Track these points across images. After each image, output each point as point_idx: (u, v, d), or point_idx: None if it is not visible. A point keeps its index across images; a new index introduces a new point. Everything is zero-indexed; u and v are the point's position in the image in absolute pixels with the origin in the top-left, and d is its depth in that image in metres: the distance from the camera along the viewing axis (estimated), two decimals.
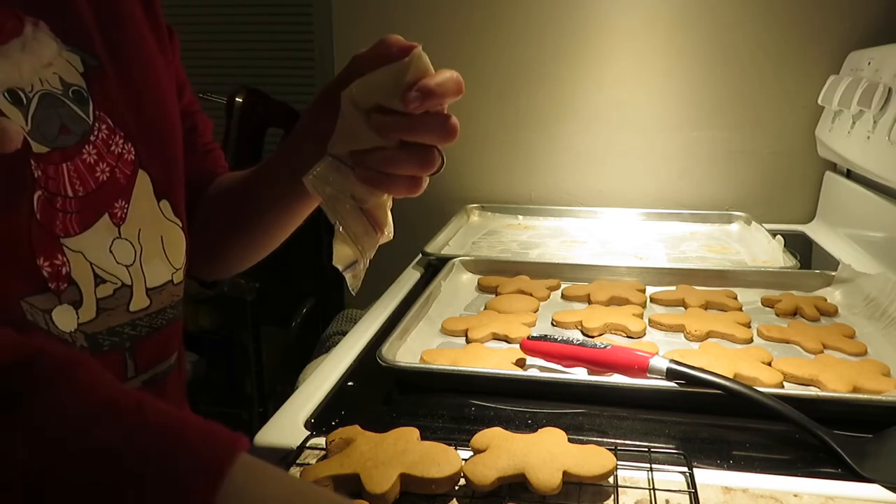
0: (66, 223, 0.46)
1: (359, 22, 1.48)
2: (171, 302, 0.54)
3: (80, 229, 0.46)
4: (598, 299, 0.89)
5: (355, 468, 0.50)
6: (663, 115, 1.40)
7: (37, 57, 0.45)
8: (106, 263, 0.48)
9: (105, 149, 0.49)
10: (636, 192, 1.43)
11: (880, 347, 0.75)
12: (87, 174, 0.47)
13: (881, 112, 1.01)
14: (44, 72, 0.45)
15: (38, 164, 0.44)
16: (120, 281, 0.49)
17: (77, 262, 0.46)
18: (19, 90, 0.43)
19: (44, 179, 0.44)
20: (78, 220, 0.46)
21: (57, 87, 0.46)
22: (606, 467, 0.50)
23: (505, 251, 1.17)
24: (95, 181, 0.48)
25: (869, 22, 1.28)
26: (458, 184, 1.46)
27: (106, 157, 0.49)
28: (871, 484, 0.52)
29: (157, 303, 0.53)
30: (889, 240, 1.04)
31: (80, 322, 0.46)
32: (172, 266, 0.54)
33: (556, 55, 1.40)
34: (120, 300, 0.49)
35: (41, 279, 0.44)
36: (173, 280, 0.54)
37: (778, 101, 1.35)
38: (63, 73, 0.46)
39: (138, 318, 0.51)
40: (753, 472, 0.54)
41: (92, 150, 0.48)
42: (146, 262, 0.51)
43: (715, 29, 1.34)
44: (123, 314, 0.50)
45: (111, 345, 0.49)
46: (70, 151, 0.46)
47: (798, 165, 1.37)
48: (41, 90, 0.45)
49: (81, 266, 0.46)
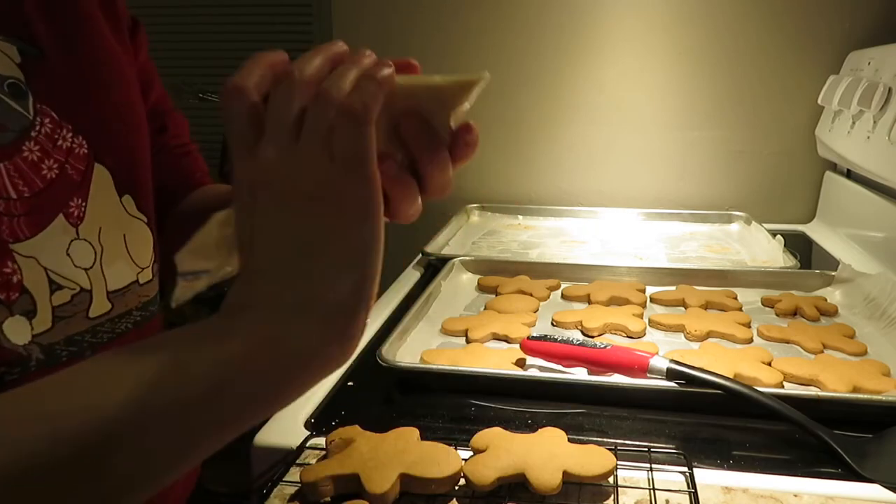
0: (14, 227, 0.42)
1: (359, 22, 1.47)
2: (136, 304, 0.51)
3: (31, 233, 0.43)
4: (598, 299, 0.89)
5: (355, 468, 0.50)
6: (663, 115, 1.40)
7: None
8: (62, 268, 0.45)
9: (50, 144, 0.45)
10: (636, 192, 1.43)
11: (880, 347, 0.75)
12: (30, 173, 0.43)
13: (881, 112, 1.01)
14: None
15: None
16: (78, 286, 0.46)
17: (29, 268, 0.42)
18: None
19: None
20: (28, 223, 0.43)
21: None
22: (606, 467, 0.50)
23: (505, 251, 1.17)
24: (42, 179, 0.44)
25: (869, 22, 1.28)
26: (458, 184, 1.44)
27: (52, 153, 0.45)
28: (871, 484, 0.52)
29: (119, 306, 0.49)
30: (889, 240, 1.04)
31: (34, 333, 0.43)
32: (137, 266, 0.51)
33: (557, 55, 1.40)
34: (78, 306, 0.46)
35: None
36: (139, 280, 0.51)
37: (778, 101, 1.35)
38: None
39: (99, 325, 0.48)
40: (753, 472, 0.54)
41: (34, 146, 0.44)
42: (107, 264, 0.48)
43: (715, 29, 1.34)
44: (83, 321, 0.46)
45: (69, 354, 0.46)
46: (9, 150, 0.42)
47: (798, 165, 1.37)
48: None
49: (34, 272, 0.43)
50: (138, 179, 0.52)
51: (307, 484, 0.50)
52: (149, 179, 0.53)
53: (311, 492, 0.50)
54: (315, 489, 0.50)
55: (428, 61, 0.84)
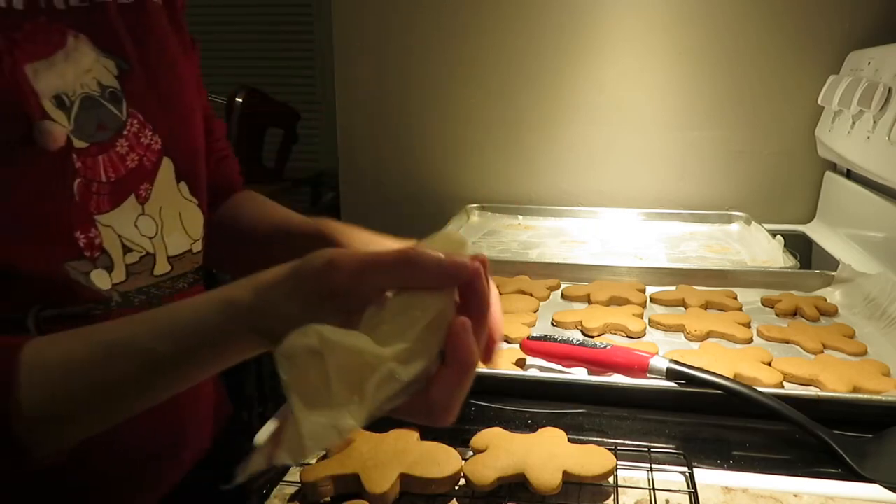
0: (99, 203, 0.54)
1: (359, 22, 1.47)
2: (191, 268, 0.62)
3: (109, 207, 0.54)
4: (598, 299, 0.89)
5: (355, 468, 0.50)
6: (663, 115, 1.40)
7: (78, 65, 0.52)
8: (132, 235, 0.56)
9: (136, 141, 0.56)
10: (636, 192, 1.43)
11: (880, 347, 0.75)
12: (118, 163, 0.55)
13: (881, 112, 1.01)
14: (84, 77, 0.53)
15: (79, 157, 0.52)
16: (144, 250, 0.58)
17: (107, 234, 0.54)
18: (64, 95, 0.51)
19: (83, 169, 0.52)
20: (108, 200, 0.54)
21: (95, 89, 0.53)
22: (606, 467, 0.50)
23: (505, 251, 1.17)
24: (126, 168, 0.55)
25: (869, 22, 1.28)
26: (458, 184, 1.46)
27: (136, 148, 0.56)
28: (871, 484, 0.52)
29: (178, 268, 0.61)
30: (889, 240, 1.04)
31: (113, 283, 0.54)
32: (190, 237, 0.62)
33: (557, 55, 1.40)
34: (145, 266, 0.58)
35: (78, 248, 0.52)
36: (192, 249, 0.62)
37: (778, 101, 1.35)
38: (101, 77, 0.54)
39: (161, 281, 0.59)
40: (753, 472, 0.54)
41: (125, 142, 0.55)
42: (167, 234, 0.60)
43: (715, 29, 1.34)
44: (148, 277, 0.58)
45: (140, 301, 0.57)
46: (105, 145, 0.54)
47: (798, 165, 1.37)
48: (82, 93, 0.52)
49: (111, 238, 0.54)
50: (193, 170, 0.63)
51: (307, 484, 0.50)
52: (202, 171, 0.65)
53: (311, 492, 0.50)
54: (315, 489, 0.50)
55: (428, 61, 0.85)
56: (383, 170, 1.50)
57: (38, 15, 0.50)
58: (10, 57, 0.47)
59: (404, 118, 1.48)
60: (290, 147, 2.21)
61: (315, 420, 0.36)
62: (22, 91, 0.47)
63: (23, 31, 0.49)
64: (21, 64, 0.48)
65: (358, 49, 1.48)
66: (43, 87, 0.49)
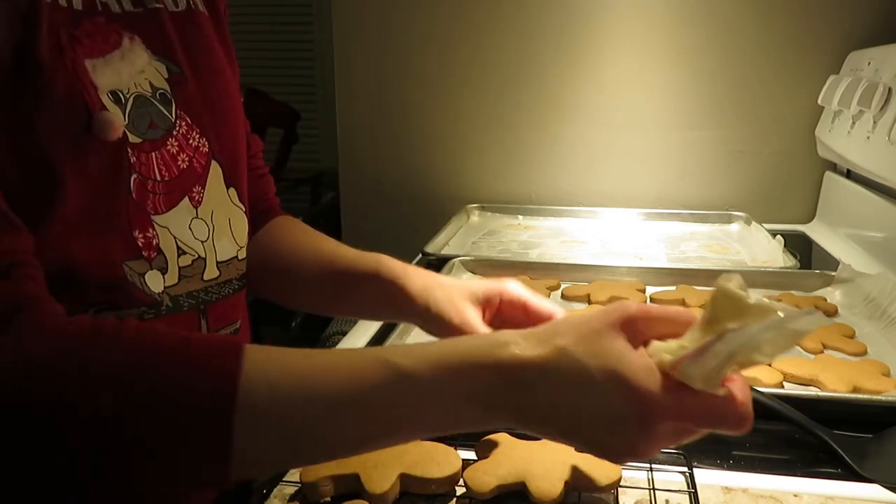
0: (156, 203, 0.55)
1: (359, 22, 1.47)
2: (236, 275, 0.63)
3: (166, 208, 0.56)
4: (598, 299, 0.89)
5: (355, 468, 0.50)
6: (663, 115, 1.40)
7: (132, 65, 0.54)
8: (186, 238, 0.57)
9: (185, 142, 0.58)
10: (636, 192, 1.43)
11: (880, 347, 0.75)
12: (171, 162, 0.56)
13: (881, 112, 1.01)
14: (138, 77, 0.54)
15: (134, 151, 0.53)
16: (197, 253, 0.58)
17: (164, 235, 0.55)
18: (119, 91, 0.52)
19: (138, 165, 0.53)
20: (164, 201, 0.55)
21: (147, 90, 0.55)
22: (611, 478, 0.50)
23: (505, 251, 1.17)
24: (178, 168, 0.57)
25: (869, 22, 1.28)
26: (458, 184, 1.46)
27: (185, 149, 0.58)
28: (871, 484, 0.52)
29: (225, 274, 0.61)
30: (889, 240, 1.04)
31: (165, 285, 0.55)
32: (238, 244, 0.63)
33: (557, 55, 1.40)
34: (196, 269, 0.58)
35: (136, 248, 0.53)
36: (238, 256, 0.63)
37: (778, 101, 1.35)
38: (152, 78, 0.56)
39: (210, 286, 0.60)
40: (753, 472, 0.54)
41: (174, 142, 0.57)
42: (217, 239, 0.60)
43: (715, 29, 1.34)
44: (199, 282, 0.59)
45: (189, 306, 0.58)
46: (157, 143, 0.55)
47: (798, 165, 1.37)
48: (135, 92, 0.54)
49: (167, 239, 0.55)
50: (239, 177, 0.64)
51: (307, 484, 0.50)
52: (245, 179, 0.66)
53: (311, 492, 0.50)
54: (315, 489, 0.50)
55: (428, 61, 0.85)
56: (383, 170, 1.50)
57: (97, 16, 0.52)
58: (72, 51, 0.49)
59: (404, 118, 1.48)
60: (290, 147, 2.21)
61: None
62: (83, 83, 0.49)
63: (83, 28, 0.50)
64: (81, 58, 0.49)
65: (358, 49, 1.48)
66: (101, 82, 0.50)
